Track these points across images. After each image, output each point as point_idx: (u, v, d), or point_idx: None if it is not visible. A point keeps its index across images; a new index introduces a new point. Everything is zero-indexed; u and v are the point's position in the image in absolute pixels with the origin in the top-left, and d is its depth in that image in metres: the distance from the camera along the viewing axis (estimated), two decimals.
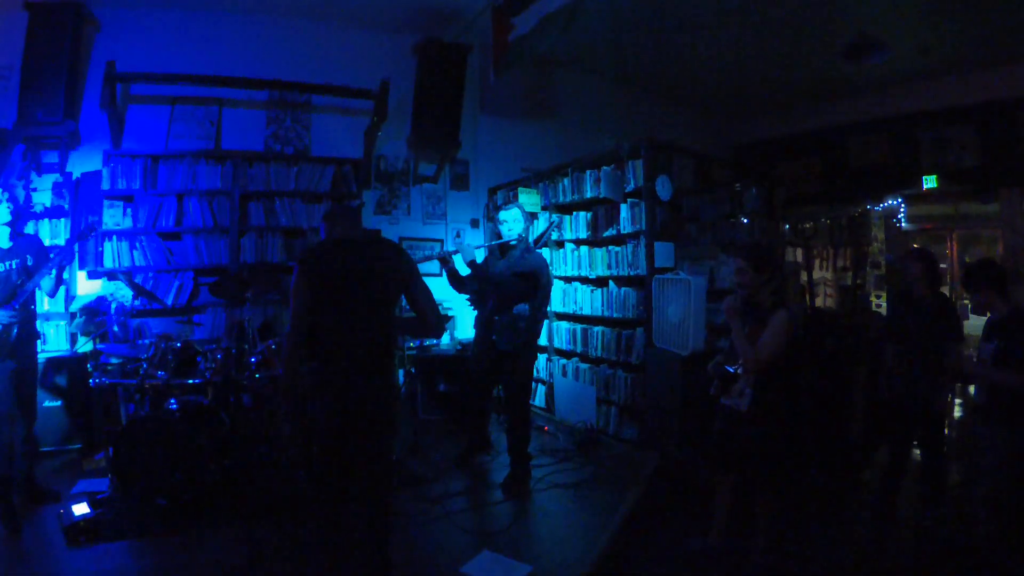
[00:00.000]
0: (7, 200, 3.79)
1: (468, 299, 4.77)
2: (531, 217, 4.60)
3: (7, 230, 3.79)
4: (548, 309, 5.87)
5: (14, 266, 3.77)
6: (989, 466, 3.24)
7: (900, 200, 8.08)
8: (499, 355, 4.45)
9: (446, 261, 4.55)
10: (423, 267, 6.50)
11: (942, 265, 4.23)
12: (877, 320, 6.35)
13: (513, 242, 4.53)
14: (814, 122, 9.08)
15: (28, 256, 3.84)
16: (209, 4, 6.06)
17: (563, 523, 3.91)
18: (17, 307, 3.67)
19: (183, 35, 6.04)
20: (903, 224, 8.27)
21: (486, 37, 5.67)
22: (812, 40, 6.83)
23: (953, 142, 7.60)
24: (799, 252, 8.13)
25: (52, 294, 4.02)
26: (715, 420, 3.35)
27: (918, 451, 3.81)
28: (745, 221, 5.88)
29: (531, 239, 4.97)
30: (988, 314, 3.26)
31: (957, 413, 6.02)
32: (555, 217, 5.98)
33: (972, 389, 3.77)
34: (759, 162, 9.50)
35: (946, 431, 3.91)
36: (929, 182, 7.73)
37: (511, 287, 4.37)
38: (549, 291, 4.58)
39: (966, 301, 7.57)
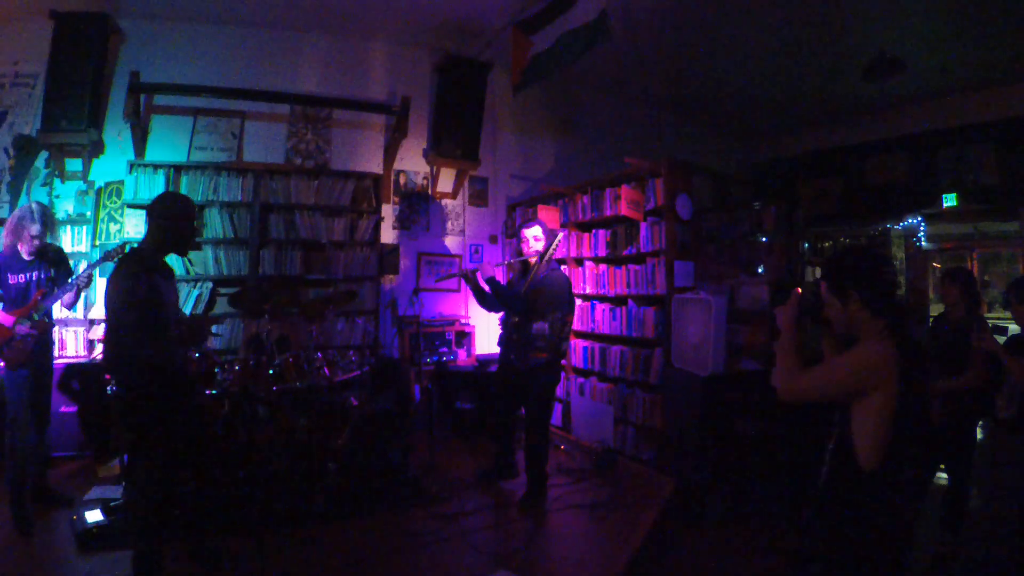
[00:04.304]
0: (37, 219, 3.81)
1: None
2: (555, 233, 4.56)
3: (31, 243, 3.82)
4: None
5: (33, 277, 3.80)
6: (1018, 480, 3.19)
7: (920, 219, 7.99)
8: (518, 374, 4.42)
9: (469, 278, 4.56)
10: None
11: None
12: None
13: (533, 260, 4.52)
14: (833, 141, 9.02)
15: (52, 269, 3.88)
16: (233, 18, 6.11)
17: (579, 545, 3.87)
18: (36, 319, 3.70)
19: (207, 48, 6.10)
20: (923, 243, 8.16)
21: (506, 54, 5.69)
22: (831, 59, 6.79)
23: (972, 160, 7.50)
24: (818, 271, 8.06)
25: (70, 307, 4.02)
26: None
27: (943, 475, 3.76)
28: (764, 240, 5.82)
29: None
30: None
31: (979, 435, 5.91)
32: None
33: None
34: (778, 181, 9.44)
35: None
36: (949, 200, 7.64)
37: (529, 305, 4.34)
38: (571, 311, 4.52)
39: (990, 320, 7.46)
